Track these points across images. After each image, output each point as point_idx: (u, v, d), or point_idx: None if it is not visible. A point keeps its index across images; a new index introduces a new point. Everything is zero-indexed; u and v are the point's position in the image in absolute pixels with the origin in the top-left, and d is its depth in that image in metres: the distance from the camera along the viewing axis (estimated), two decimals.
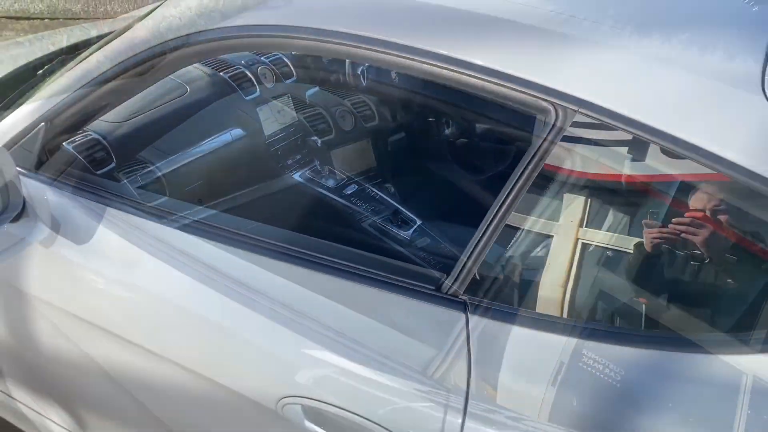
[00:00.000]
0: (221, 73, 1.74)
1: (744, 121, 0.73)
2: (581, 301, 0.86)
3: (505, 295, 0.87)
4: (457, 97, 1.66)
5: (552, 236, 0.88)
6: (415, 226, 1.37)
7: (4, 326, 1.30)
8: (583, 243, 0.86)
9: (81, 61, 1.23)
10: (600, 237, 0.87)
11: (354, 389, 0.85)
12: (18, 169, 1.13)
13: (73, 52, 1.75)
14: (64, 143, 1.32)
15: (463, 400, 0.77)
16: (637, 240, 0.83)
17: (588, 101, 0.78)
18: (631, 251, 0.83)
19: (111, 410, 1.26)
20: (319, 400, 0.87)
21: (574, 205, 0.86)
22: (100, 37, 1.77)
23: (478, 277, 0.83)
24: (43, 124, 1.20)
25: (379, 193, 1.55)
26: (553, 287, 0.85)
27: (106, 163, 1.42)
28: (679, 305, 0.80)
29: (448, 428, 0.77)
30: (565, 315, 0.85)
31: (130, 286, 1.07)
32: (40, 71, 1.62)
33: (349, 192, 1.63)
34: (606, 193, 0.88)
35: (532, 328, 0.79)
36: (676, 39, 0.82)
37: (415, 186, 1.67)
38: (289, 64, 1.86)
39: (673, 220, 0.78)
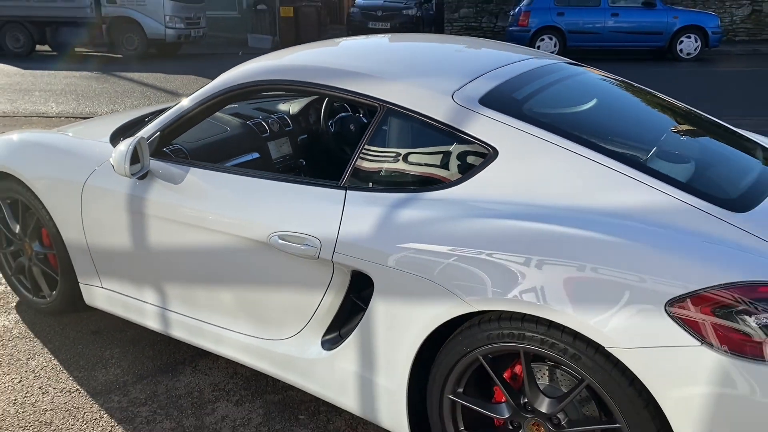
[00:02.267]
0: (247, 122, 3.02)
1: (437, 105, 1.95)
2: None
3: (360, 182, 2.04)
4: (340, 104, 3.38)
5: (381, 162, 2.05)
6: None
7: (126, 239, 2.47)
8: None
9: (168, 109, 2.49)
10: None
11: (299, 220, 2.01)
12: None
13: (159, 112, 3.06)
14: (164, 148, 2.56)
15: (341, 212, 1.94)
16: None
17: (390, 101, 2.01)
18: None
19: (184, 281, 2.40)
20: (284, 231, 2.03)
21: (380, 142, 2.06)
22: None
23: (349, 178, 2.02)
24: (158, 133, 2.45)
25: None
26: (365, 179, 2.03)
27: (185, 159, 2.66)
28: None
29: (333, 217, 1.94)
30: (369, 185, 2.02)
31: (197, 203, 2.25)
32: (147, 119, 2.91)
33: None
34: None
35: (367, 191, 1.97)
36: (418, 79, 2.05)
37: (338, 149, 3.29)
38: (287, 118, 3.16)
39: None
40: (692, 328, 1.45)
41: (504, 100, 2.00)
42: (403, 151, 2.02)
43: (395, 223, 1.86)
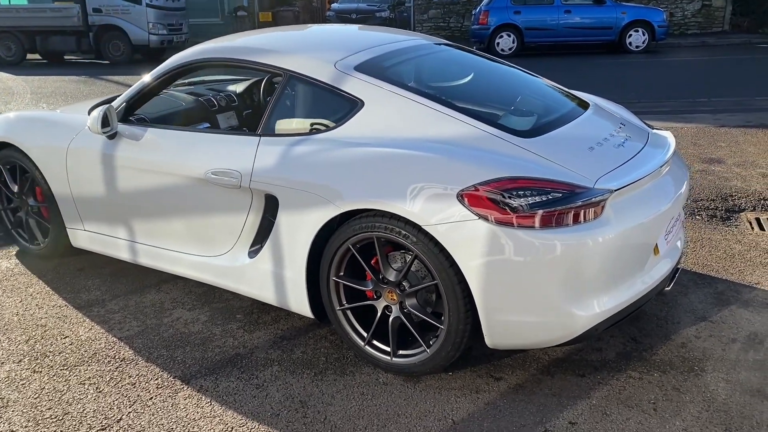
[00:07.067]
0: (199, 98, 3.75)
1: (323, 70, 2.67)
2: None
3: (270, 130, 2.75)
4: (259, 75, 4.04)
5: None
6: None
7: (101, 187, 3.18)
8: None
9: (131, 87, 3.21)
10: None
11: (226, 160, 2.73)
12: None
13: None
14: (130, 117, 3.27)
15: (255, 152, 2.66)
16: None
17: (291, 69, 2.73)
18: None
19: (146, 217, 3.11)
20: (216, 168, 2.75)
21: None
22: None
23: (262, 128, 2.74)
24: (125, 103, 3.16)
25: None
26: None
27: (146, 124, 3.37)
28: None
29: (250, 156, 2.65)
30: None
31: (153, 154, 2.97)
32: (112, 96, 3.64)
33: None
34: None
35: (275, 136, 2.69)
36: (312, 53, 2.77)
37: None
38: (233, 95, 3.89)
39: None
40: (473, 207, 2.18)
41: (372, 67, 2.72)
42: (300, 106, 2.75)
43: (292, 157, 2.58)
